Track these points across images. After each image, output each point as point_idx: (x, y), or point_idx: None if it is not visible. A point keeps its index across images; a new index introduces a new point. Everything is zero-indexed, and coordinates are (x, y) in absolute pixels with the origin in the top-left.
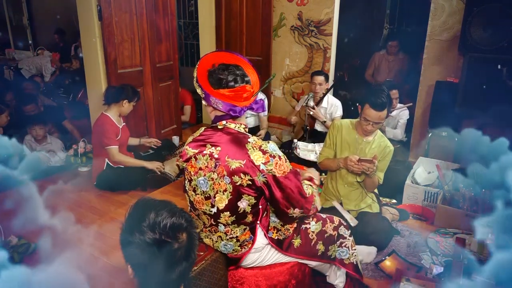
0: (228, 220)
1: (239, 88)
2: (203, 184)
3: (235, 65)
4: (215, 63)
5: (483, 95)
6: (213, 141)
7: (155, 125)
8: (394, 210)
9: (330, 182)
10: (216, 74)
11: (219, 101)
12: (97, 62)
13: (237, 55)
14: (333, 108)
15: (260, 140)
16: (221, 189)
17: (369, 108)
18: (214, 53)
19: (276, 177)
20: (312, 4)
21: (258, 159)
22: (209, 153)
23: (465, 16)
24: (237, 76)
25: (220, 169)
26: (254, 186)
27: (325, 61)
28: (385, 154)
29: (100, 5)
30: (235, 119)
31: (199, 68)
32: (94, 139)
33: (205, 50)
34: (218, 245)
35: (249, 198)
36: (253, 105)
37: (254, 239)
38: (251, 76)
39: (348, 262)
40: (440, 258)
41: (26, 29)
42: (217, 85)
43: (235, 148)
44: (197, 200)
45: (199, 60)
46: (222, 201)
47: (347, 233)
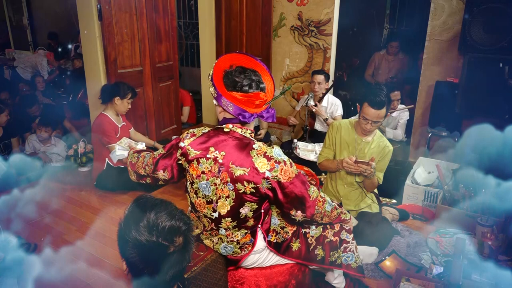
0: (229, 225)
1: (253, 94)
2: (205, 188)
3: (253, 70)
4: (233, 65)
5: (483, 95)
6: (218, 145)
7: (155, 125)
8: (394, 210)
9: (330, 183)
10: (232, 76)
11: (230, 103)
12: (97, 62)
13: (256, 60)
14: (333, 107)
15: (265, 146)
16: (224, 195)
17: (368, 106)
18: (233, 54)
19: (281, 183)
20: (312, 4)
21: (262, 166)
22: (213, 157)
23: (465, 16)
24: (253, 81)
25: (223, 175)
26: (258, 193)
27: (325, 61)
28: (384, 154)
29: (100, 5)
30: (243, 124)
31: (216, 66)
32: (94, 139)
33: (205, 50)
34: (218, 247)
35: (251, 205)
36: (263, 113)
37: (255, 242)
38: (266, 83)
39: (355, 266)
40: (440, 258)
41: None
42: (231, 87)
43: (239, 155)
44: (198, 203)
45: (218, 58)
46: (224, 207)
47: (349, 237)
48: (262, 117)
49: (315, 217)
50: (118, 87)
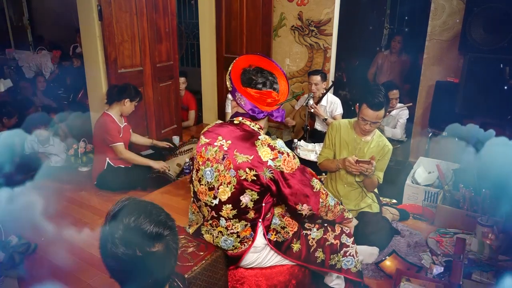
0: (229, 214)
1: (266, 92)
2: (209, 174)
3: (270, 71)
4: (252, 65)
5: (483, 95)
6: (226, 134)
7: (155, 125)
8: (394, 210)
9: (330, 182)
10: (249, 74)
11: (244, 98)
12: (97, 62)
13: (274, 63)
14: (333, 106)
15: (269, 138)
16: (226, 181)
17: (367, 108)
18: (254, 56)
19: (284, 174)
20: (312, 4)
21: (266, 155)
22: (219, 145)
23: (465, 16)
24: (267, 80)
25: (227, 161)
26: (259, 181)
27: (325, 61)
28: (384, 153)
29: (100, 5)
30: (254, 119)
31: (236, 64)
32: (95, 138)
33: (205, 50)
34: (218, 241)
35: (252, 194)
36: (274, 112)
37: (255, 236)
38: (281, 85)
39: (355, 270)
40: (440, 258)
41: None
42: (246, 83)
43: (244, 144)
44: (200, 190)
45: (239, 56)
46: (225, 194)
47: (349, 241)
48: (272, 116)
49: (321, 211)
50: (128, 89)
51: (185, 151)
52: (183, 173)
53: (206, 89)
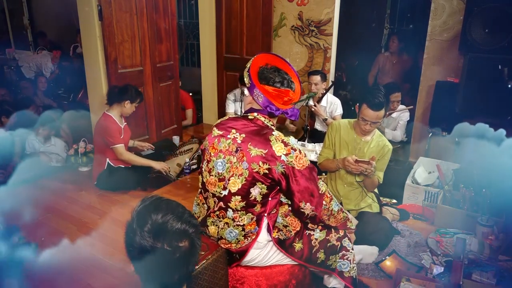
0: (237, 205)
1: (284, 90)
2: (220, 166)
3: (285, 71)
4: (268, 64)
5: (483, 95)
6: (239, 128)
7: (155, 125)
8: (394, 210)
9: (330, 183)
10: (267, 72)
11: (261, 94)
12: (98, 62)
13: (289, 65)
14: (332, 106)
15: (282, 134)
16: (238, 173)
17: (367, 108)
18: (271, 55)
19: (295, 169)
20: (312, 4)
21: (279, 150)
22: (232, 137)
23: (465, 16)
24: (285, 79)
25: (240, 154)
26: (270, 175)
27: (325, 61)
28: (384, 153)
29: (100, 5)
30: (270, 116)
31: (254, 61)
32: (96, 138)
33: (205, 50)
34: (223, 232)
35: (262, 187)
36: (289, 110)
37: (259, 231)
38: (296, 86)
39: (348, 275)
40: (440, 258)
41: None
42: (264, 80)
43: (258, 138)
44: (209, 181)
45: (257, 54)
46: (236, 185)
47: (350, 246)
48: (287, 114)
49: (323, 214)
50: (129, 90)
51: (185, 151)
52: (183, 173)
53: (206, 89)
